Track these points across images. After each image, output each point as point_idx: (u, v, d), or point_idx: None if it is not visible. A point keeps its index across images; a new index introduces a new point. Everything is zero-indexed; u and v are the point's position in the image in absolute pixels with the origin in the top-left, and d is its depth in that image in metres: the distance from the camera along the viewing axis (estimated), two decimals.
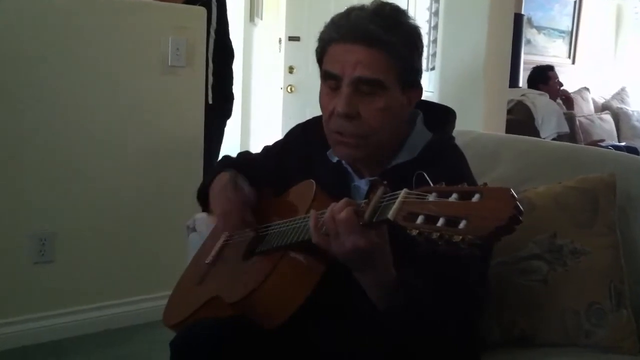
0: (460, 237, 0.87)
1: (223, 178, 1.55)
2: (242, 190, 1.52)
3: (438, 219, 0.91)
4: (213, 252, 1.59)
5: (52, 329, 2.67)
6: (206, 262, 1.58)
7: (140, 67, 2.78)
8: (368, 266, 1.17)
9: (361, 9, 1.34)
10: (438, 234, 0.89)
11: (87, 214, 2.73)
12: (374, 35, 1.29)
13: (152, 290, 2.82)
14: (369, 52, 1.30)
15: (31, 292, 2.64)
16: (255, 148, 2.64)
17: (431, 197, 0.96)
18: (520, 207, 0.85)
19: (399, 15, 1.35)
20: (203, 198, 1.65)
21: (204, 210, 1.69)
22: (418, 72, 1.40)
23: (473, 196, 0.90)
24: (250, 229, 1.48)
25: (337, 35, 1.34)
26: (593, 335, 1.51)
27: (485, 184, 0.91)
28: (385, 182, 1.08)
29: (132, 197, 2.83)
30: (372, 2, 1.36)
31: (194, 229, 2.01)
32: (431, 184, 0.99)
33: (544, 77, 5.49)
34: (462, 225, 0.87)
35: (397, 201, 1.01)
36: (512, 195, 0.87)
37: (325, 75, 1.37)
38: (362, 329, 1.29)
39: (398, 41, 1.31)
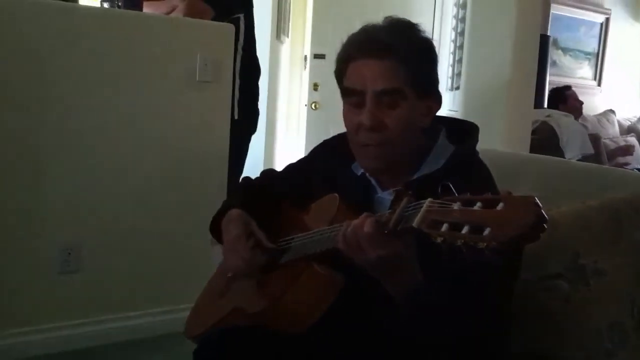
0: (485, 244, 0.88)
1: (229, 218, 1.58)
2: (247, 223, 1.53)
3: (462, 227, 0.93)
4: None
5: (75, 338, 2.69)
6: (228, 275, 1.60)
7: (169, 81, 2.82)
8: (393, 274, 1.19)
9: (374, 25, 1.40)
10: (462, 241, 0.91)
11: (112, 225, 2.76)
12: (386, 45, 1.35)
13: (176, 301, 2.83)
14: (384, 63, 1.35)
15: (56, 302, 2.67)
16: (279, 163, 2.66)
17: (455, 206, 0.97)
18: (545, 215, 0.86)
19: (410, 28, 1.41)
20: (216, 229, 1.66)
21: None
22: (434, 82, 1.45)
23: (497, 205, 0.91)
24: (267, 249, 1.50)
25: (355, 52, 1.39)
26: (614, 355, 1.50)
27: (510, 192, 0.93)
28: (410, 192, 1.10)
29: (157, 210, 2.85)
30: (385, 18, 1.41)
31: (217, 242, 2.03)
32: (456, 194, 1.01)
33: (562, 97, 5.50)
34: (486, 232, 0.89)
35: (422, 210, 1.03)
36: (536, 203, 0.88)
37: (347, 93, 1.42)
38: (382, 337, 1.31)
39: (411, 50, 1.36)
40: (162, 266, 2.89)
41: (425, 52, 1.41)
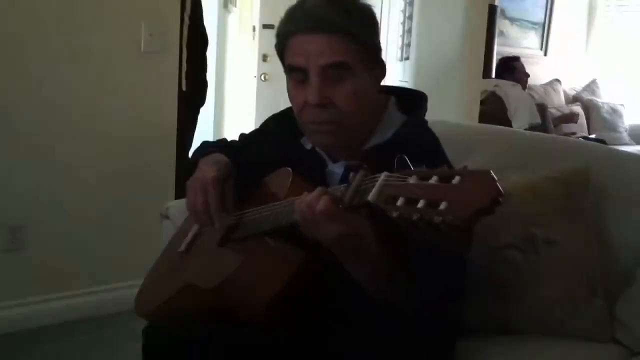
0: (441, 218, 0.87)
1: (214, 158, 1.50)
2: (229, 179, 1.47)
3: (418, 201, 0.91)
4: (187, 240, 1.57)
5: (21, 318, 2.63)
6: (179, 250, 1.56)
7: (113, 52, 2.74)
8: (352, 249, 1.17)
9: None
10: (418, 215, 0.89)
11: (57, 200, 2.69)
12: (330, 22, 1.31)
13: (124, 278, 2.78)
14: (329, 39, 1.31)
15: (1, 281, 2.60)
16: (229, 136, 2.62)
17: (411, 180, 0.96)
18: (501, 189, 0.85)
19: None
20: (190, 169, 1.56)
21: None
22: (378, 49, 1.42)
23: (453, 179, 0.90)
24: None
25: (294, 27, 1.35)
26: (566, 324, 1.53)
27: (466, 166, 0.92)
28: (365, 166, 1.08)
29: (104, 184, 2.79)
30: None
31: (167, 217, 1.99)
32: (412, 168, 0.99)
33: (509, 67, 5.56)
34: (442, 206, 0.88)
35: (377, 184, 1.00)
36: (493, 177, 0.87)
37: (290, 69, 1.38)
38: (350, 321, 1.30)
39: (355, 23, 1.32)
40: (110, 242, 2.83)
41: (366, 20, 1.38)
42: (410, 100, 1.49)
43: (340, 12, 1.32)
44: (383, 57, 1.45)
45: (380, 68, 1.42)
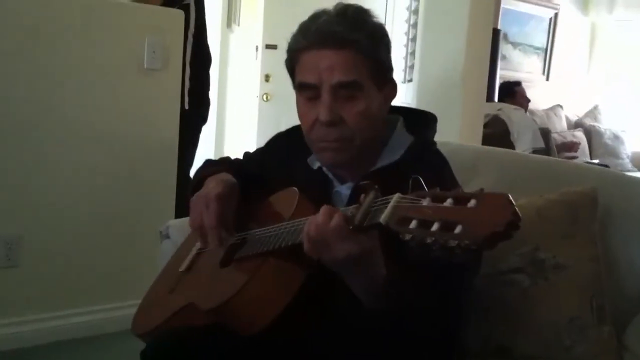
0: (456, 242, 0.84)
1: (220, 177, 1.48)
2: (233, 198, 1.45)
3: (432, 224, 0.88)
4: (187, 260, 1.55)
5: (15, 337, 2.58)
6: (180, 270, 1.54)
7: (115, 68, 2.72)
8: (359, 270, 1.14)
9: (325, 13, 1.34)
10: (432, 239, 0.87)
11: (56, 218, 2.66)
12: (341, 37, 1.29)
13: (122, 297, 2.75)
14: (340, 54, 1.29)
15: None
16: (230, 155, 2.60)
17: (425, 202, 0.93)
18: (519, 212, 0.82)
19: (363, 14, 1.36)
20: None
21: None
22: (389, 68, 1.40)
23: (469, 201, 0.87)
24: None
25: (306, 42, 1.33)
26: (573, 350, 1.49)
27: (482, 189, 0.89)
28: (376, 187, 1.05)
29: (104, 202, 2.76)
30: (336, 5, 1.36)
31: (167, 236, 1.97)
32: (426, 189, 0.96)
33: (511, 92, 5.57)
34: (457, 230, 0.85)
35: (390, 205, 0.98)
36: (510, 200, 0.84)
37: (301, 87, 1.36)
38: (346, 331, 1.27)
39: (365, 38, 1.31)
40: (109, 261, 2.80)
41: (380, 39, 1.36)
42: (418, 121, 1.47)
43: (353, 28, 1.30)
44: None
45: (391, 87, 1.40)
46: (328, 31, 1.30)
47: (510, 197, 0.85)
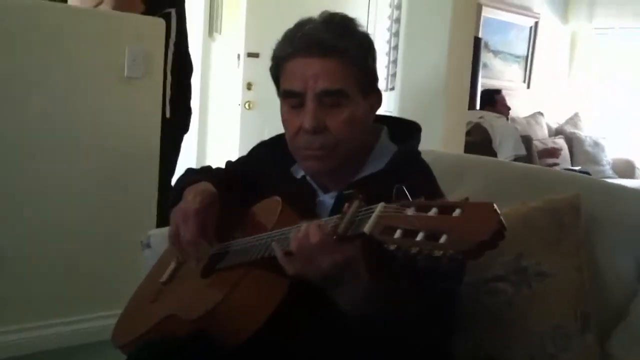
0: (441, 252, 0.83)
1: (200, 188, 1.45)
2: (213, 209, 1.43)
3: (417, 233, 0.87)
4: (169, 270, 1.53)
5: None
6: (161, 280, 1.52)
7: (96, 77, 2.69)
8: (341, 281, 1.13)
9: (311, 20, 1.34)
10: (417, 249, 0.86)
11: (36, 227, 2.62)
12: (327, 44, 1.29)
13: (104, 307, 2.71)
14: (326, 62, 1.29)
15: None
16: (212, 164, 2.58)
17: (410, 211, 0.92)
18: (504, 222, 0.82)
19: (349, 23, 1.36)
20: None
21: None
22: (375, 78, 1.40)
23: (454, 211, 0.86)
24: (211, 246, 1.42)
25: (291, 49, 1.33)
26: (557, 358, 1.48)
27: (467, 198, 0.88)
28: (361, 196, 1.04)
29: (84, 211, 2.73)
30: (322, 13, 1.35)
31: (148, 245, 1.94)
32: (410, 198, 0.95)
33: (491, 100, 5.61)
34: (443, 239, 0.84)
35: (374, 215, 0.97)
36: (495, 209, 0.84)
37: (286, 94, 1.35)
38: (331, 340, 1.26)
39: (352, 47, 1.31)
40: (89, 270, 2.76)
41: (365, 48, 1.36)
42: (403, 131, 1.47)
43: (339, 36, 1.30)
44: None
45: (376, 96, 1.40)
46: (314, 39, 1.30)
47: (496, 206, 0.85)
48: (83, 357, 2.66)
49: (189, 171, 1.65)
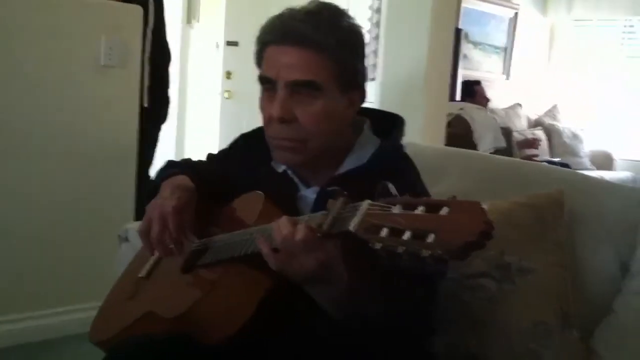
0: (429, 251, 0.81)
1: (177, 182, 1.42)
2: (190, 205, 1.40)
3: (404, 232, 0.85)
4: (148, 265, 1.49)
5: None
6: (140, 275, 1.48)
7: (71, 66, 2.65)
8: (323, 280, 1.11)
9: (295, 10, 1.31)
10: (404, 248, 0.84)
11: (12, 219, 2.58)
12: (304, 35, 1.26)
13: (81, 300, 2.68)
14: (301, 53, 1.26)
15: None
16: (191, 154, 2.55)
17: (396, 209, 0.90)
18: (491, 221, 0.80)
19: (335, 16, 1.32)
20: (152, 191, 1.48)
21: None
22: (358, 73, 1.36)
23: (441, 209, 0.85)
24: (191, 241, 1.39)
25: (270, 37, 1.31)
26: (540, 355, 1.47)
27: (455, 196, 0.86)
28: (345, 193, 1.02)
29: (60, 203, 2.69)
30: (310, 3, 1.33)
31: (126, 239, 1.92)
32: (395, 195, 0.93)
33: (470, 91, 5.62)
34: (430, 239, 0.82)
35: (359, 212, 0.95)
36: (483, 209, 0.82)
37: (261, 80, 1.33)
38: (313, 339, 1.24)
39: (331, 40, 1.27)
40: (65, 263, 2.73)
41: (350, 43, 1.32)
42: (386, 124, 1.44)
43: (318, 27, 1.27)
44: None
45: (359, 92, 1.36)
46: (291, 28, 1.28)
47: (484, 205, 0.83)
48: (63, 349, 2.62)
49: (169, 163, 1.62)
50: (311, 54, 1.26)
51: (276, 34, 1.30)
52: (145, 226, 1.36)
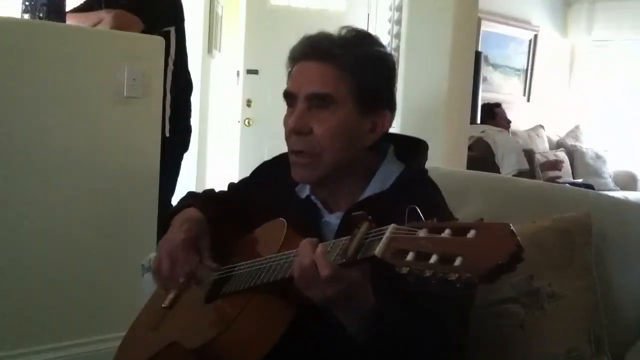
0: (457, 275, 0.80)
1: (185, 215, 1.45)
2: (202, 233, 1.42)
3: (431, 256, 0.84)
4: (171, 295, 1.49)
5: None
6: (163, 305, 1.48)
7: (94, 97, 2.66)
8: (348, 303, 1.10)
9: (326, 31, 1.34)
10: (431, 272, 0.82)
11: (34, 248, 2.58)
12: (326, 51, 1.29)
13: (102, 331, 2.67)
14: (320, 66, 1.29)
15: None
16: (212, 182, 2.55)
17: (422, 233, 0.88)
18: (521, 244, 0.78)
19: (363, 38, 1.35)
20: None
21: None
22: (383, 98, 1.36)
23: (468, 232, 0.83)
24: (212, 269, 1.39)
25: (296, 54, 1.34)
26: None
27: (482, 219, 0.85)
28: (370, 217, 1.01)
29: (83, 233, 2.69)
30: (343, 27, 1.35)
31: (149, 269, 1.90)
32: (423, 219, 0.92)
33: (491, 113, 5.60)
34: (457, 262, 0.81)
35: (385, 237, 0.93)
36: (512, 230, 0.81)
37: (284, 95, 1.36)
38: None
39: (350, 56, 1.29)
40: (88, 294, 2.71)
41: (373, 63, 1.33)
42: (409, 149, 1.44)
43: (339, 44, 1.30)
44: None
45: (381, 117, 1.36)
46: (316, 44, 1.31)
47: (512, 227, 0.82)
48: None
49: (190, 195, 1.63)
50: (330, 68, 1.29)
51: (301, 51, 1.33)
52: (156, 264, 1.38)
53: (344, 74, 1.28)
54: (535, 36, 6.63)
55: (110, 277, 2.74)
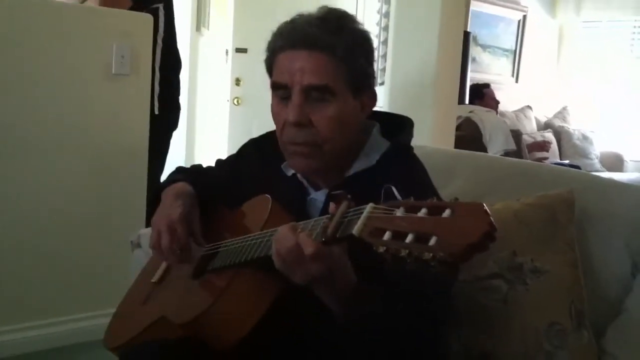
0: (431, 254, 0.81)
1: (177, 190, 1.46)
2: (193, 207, 1.43)
3: (407, 235, 0.85)
4: (160, 270, 1.51)
5: None
6: (152, 280, 1.50)
7: (82, 74, 2.66)
8: (329, 281, 1.12)
9: (306, 15, 1.32)
10: (407, 251, 0.84)
11: (23, 226, 2.59)
12: (317, 39, 1.27)
13: (93, 308, 2.69)
14: (312, 56, 1.27)
15: None
16: (201, 160, 2.56)
17: (399, 212, 0.90)
18: (494, 223, 0.80)
19: (344, 20, 1.33)
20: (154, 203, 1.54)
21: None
22: (369, 76, 1.36)
23: (443, 212, 0.84)
24: (200, 246, 1.41)
25: (281, 42, 1.32)
26: (554, 356, 1.47)
27: (457, 199, 0.86)
28: (349, 197, 1.02)
29: (72, 210, 2.70)
30: (319, 8, 1.34)
31: (138, 245, 1.93)
32: (399, 199, 0.93)
33: (479, 94, 5.61)
34: (432, 242, 0.82)
35: (363, 216, 0.95)
36: (486, 211, 0.82)
37: (274, 86, 1.34)
38: (321, 346, 1.23)
39: (341, 44, 1.28)
40: (78, 270, 2.74)
41: (360, 46, 1.33)
42: (395, 126, 1.45)
43: (329, 31, 1.28)
44: None
45: (369, 95, 1.37)
46: (303, 32, 1.28)
47: (486, 207, 0.83)
48: (77, 356, 2.63)
49: (178, 170, 1.64)
50: (324, 58, 1.27)
51: (288, 39, 1.30)
52: (155, 238, 1.38)
53: (337, 62, 1.28)
54: (524, 16, 6.62)
55: (99, 254, 2.76)
